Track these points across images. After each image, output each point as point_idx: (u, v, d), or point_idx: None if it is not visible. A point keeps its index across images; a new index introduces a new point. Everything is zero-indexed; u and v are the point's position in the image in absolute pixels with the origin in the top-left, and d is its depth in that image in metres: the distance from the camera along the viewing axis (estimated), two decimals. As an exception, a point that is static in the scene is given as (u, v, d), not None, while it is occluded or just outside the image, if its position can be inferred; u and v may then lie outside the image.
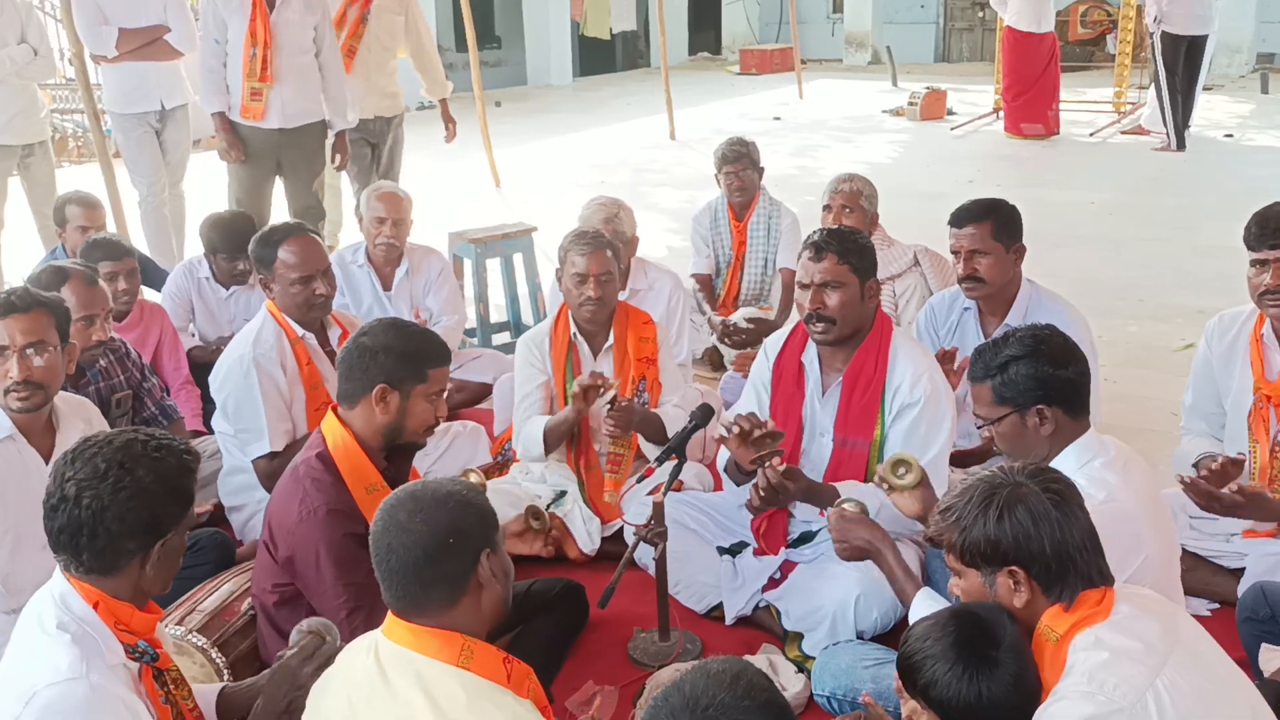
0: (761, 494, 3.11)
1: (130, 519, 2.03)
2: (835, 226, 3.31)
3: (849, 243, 3.16)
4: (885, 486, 2.85)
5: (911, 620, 2.48)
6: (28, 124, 6.40)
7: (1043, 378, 2.51)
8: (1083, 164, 10.98)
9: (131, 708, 2.00)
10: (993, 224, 3.71)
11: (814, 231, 3.25)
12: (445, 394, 2.90)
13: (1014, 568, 2.00)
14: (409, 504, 2.00)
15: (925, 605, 2.51)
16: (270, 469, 3.63)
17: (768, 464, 3.08)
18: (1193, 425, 3.57)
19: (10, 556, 2.98)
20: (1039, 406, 2.51)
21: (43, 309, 2.99)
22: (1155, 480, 2.65)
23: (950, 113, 14.18)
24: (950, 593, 2.19)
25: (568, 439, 3.87)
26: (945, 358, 3.71)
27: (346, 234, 7.22)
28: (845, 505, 2.89)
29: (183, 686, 2.22)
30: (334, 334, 3.85)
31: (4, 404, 2.95)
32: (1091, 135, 12.41)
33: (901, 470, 2.82)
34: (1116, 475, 2.42)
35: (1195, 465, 3.30)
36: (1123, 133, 12.49)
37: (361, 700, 1.93)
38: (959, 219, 3.76)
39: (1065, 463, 2.43)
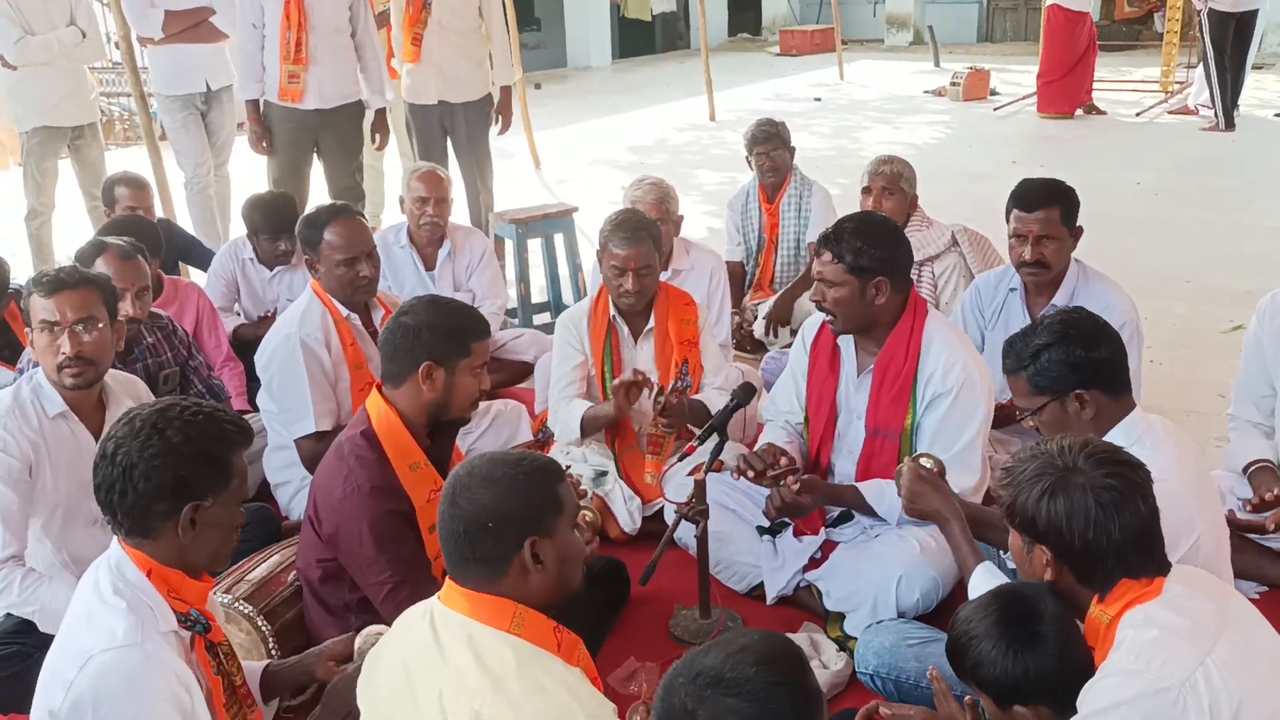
0: (776, 509, 3.13)
1: (155, 478, 2.05)
2: (852, 217, 3.20)
3: (849, 242, 3.06)
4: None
5: (970, 593, 2.46)
6: (77, 106, 6.48)
7: (1075, 362, 2.48)
8: (1128, 144, 10.83)
9: (182, 677, 2.03)
10: (1061, 208, 3.66)
11: (834, 222, 3.19)
12: (485, 366, 2.92)
13: (1044, 548, 2.00)
14: (465, 479, 1.99)
15: (984, 580, 2.47)
16: (314, 450, 3.66)
17: (783, 482, 3.10)
18: (1241, 412, 3.51)
19: (60, 532, 3.04)
20: (1077, 391, 2.48)
21: (91, 286, 3.04)
22: (1204, 461, 2.62)
23: (993, 93, 14.02)
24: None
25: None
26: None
27: (389, 215, 7.26)
28: (922, 460, 2.81)
29: (234, 660, 2.25)
30: (378, 315, 3.88)
31: (57, 380, 3.00)
32: (1138, 115, 12.24)
33: (926, 462, 2.77)
34: (1165, 456, 2.39)
35: (1246, 470, 3.30)
36: (1169, 112, 12.31)
37: (416, 665, 1.94)
38: (1028, 203, 3.67)
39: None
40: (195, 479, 2.09)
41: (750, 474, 3.16)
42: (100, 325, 3.01)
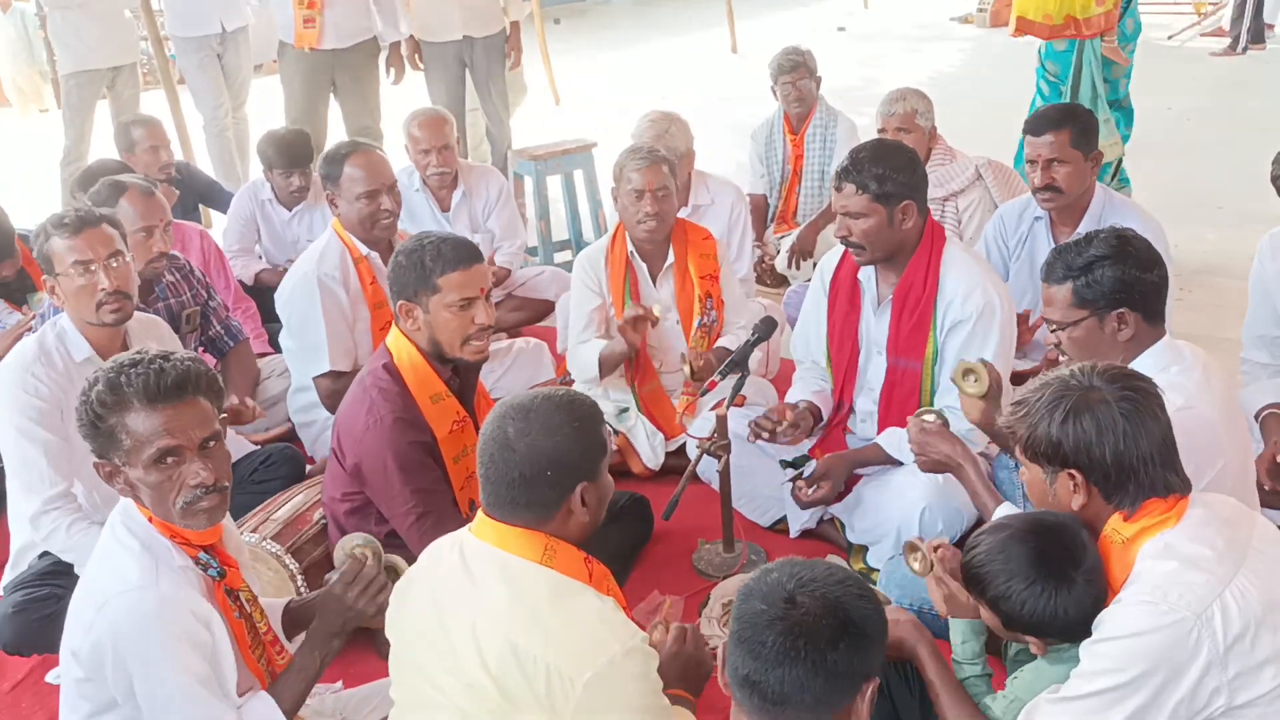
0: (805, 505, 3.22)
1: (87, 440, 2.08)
2: (865, 146, 3.13)
3: (870, 170, 3.00)
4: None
5: None
6: (115, 47, 6.47)
7: (1129, 280, 2.42)
8: (1160, 68, 10.54)
9: (200, 614, 2.05)
10: (1071, 131, 3.59)
11: (848, 154, 3.13)
12: (474, 302, 2.81)
13: (1073, 471, 1.97)
14: (519, 421, 1.94)
15: None
16: (331, 388, 3.69)
17: (796, 486, 3.16)
18: (1251, 355, 3.47)
19: (92, 475, 3.04)
20: (1120, 310, 2.43)
21: (107, 223, 3.08)
22: (1233, 387, 2.58)
23: (1022, 19, 13.72)
24: (1019, 478, 2.16)
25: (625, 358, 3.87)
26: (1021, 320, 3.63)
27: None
28: (925, 417, 2.83)
29: (255, 605, 2.26)
30: (400, 253, 3.86)
31: (97, 318, 3.01)
32: (1170, 38, 11.96)
33: (971, 378, 2.73)
34: (1194, 382, 2.35)
35: (1258, 416, 3.26)
36: (1202, 35, 12.02)
37: (446, 596, 1.95)
38: (1036, 127, 3.63)
39: (1141, 369, 2.35)
40: (95, 443, 2.07)
41: (765, 435, 3.22)
42: (125, 258, 3.06)
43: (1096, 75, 5.22)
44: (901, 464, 3.15)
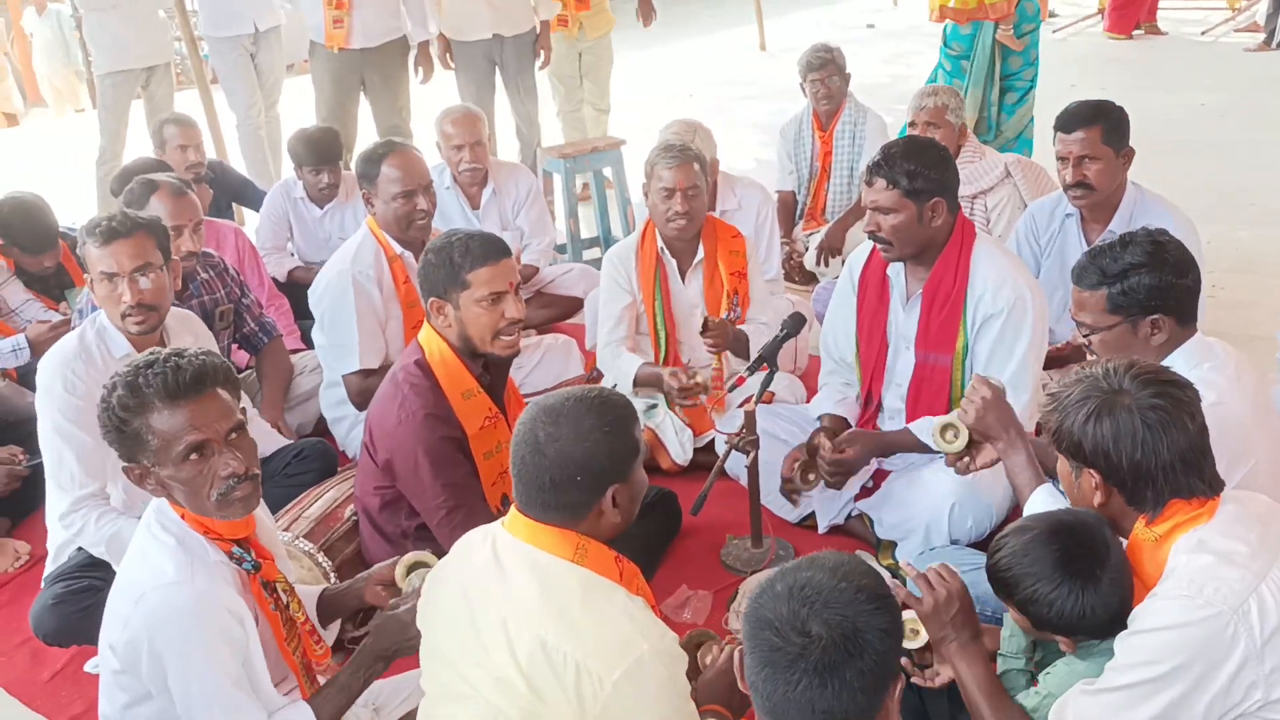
0: (827, 475, 3.22)
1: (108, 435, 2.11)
2: (897, 142, 3.14)
3: (902, 165, 2.99)
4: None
5: (1027, 513, 2.38)
6: (148, 46, 6.51)
7: (1165, 287, 2.40)
8: (1193, 64, 10.48)
9: (235, 611, 2.07)
10: (1102, 128, 3.57)
11: (879, 149, 3.13)
12: (504, 296, 2.85)
13: (1093, 471, 1.97)
14: (549, 425, 1.92)
15: (1044, 503, 2.38)
16: (360, 385, 3.72)
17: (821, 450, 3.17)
18: None
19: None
20: (1155, 317, 2.41)
21: (143, 231, 3.07)
22: (1264, 386, 2.57)
23: (1052, 14, 13.59)
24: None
25: (656, 351, 3.90)
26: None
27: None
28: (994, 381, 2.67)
29: (293, 596, 2.29)
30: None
31: (123, 327, 3.06)
32: (1203, 34, 11.84)
33: (950, 434, 2.66)
34: (1226, 379, 2.34)
35: None
36: (1236, 30, 11.88)
37: (476, 590, 1.96)
38: (1067, 124, 3.61)
39: (1172, 367, 2.33)
40: (122, 448, 2.10)
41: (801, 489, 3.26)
42: (157, 269, 3.06)
43: (983, 57, 6.21)
44: (930, 456, 3.15)
